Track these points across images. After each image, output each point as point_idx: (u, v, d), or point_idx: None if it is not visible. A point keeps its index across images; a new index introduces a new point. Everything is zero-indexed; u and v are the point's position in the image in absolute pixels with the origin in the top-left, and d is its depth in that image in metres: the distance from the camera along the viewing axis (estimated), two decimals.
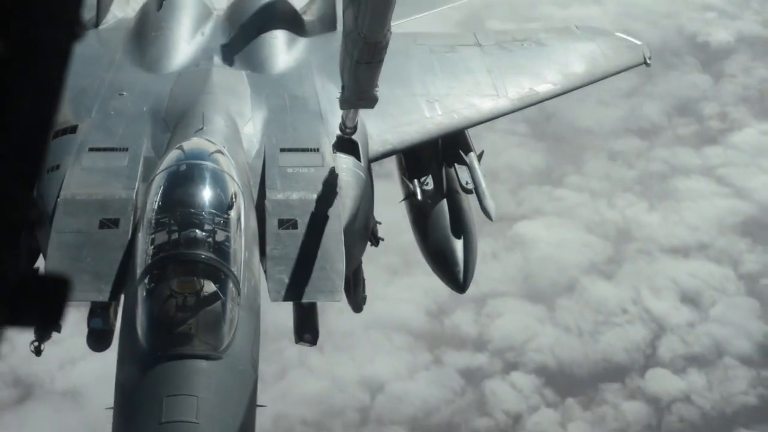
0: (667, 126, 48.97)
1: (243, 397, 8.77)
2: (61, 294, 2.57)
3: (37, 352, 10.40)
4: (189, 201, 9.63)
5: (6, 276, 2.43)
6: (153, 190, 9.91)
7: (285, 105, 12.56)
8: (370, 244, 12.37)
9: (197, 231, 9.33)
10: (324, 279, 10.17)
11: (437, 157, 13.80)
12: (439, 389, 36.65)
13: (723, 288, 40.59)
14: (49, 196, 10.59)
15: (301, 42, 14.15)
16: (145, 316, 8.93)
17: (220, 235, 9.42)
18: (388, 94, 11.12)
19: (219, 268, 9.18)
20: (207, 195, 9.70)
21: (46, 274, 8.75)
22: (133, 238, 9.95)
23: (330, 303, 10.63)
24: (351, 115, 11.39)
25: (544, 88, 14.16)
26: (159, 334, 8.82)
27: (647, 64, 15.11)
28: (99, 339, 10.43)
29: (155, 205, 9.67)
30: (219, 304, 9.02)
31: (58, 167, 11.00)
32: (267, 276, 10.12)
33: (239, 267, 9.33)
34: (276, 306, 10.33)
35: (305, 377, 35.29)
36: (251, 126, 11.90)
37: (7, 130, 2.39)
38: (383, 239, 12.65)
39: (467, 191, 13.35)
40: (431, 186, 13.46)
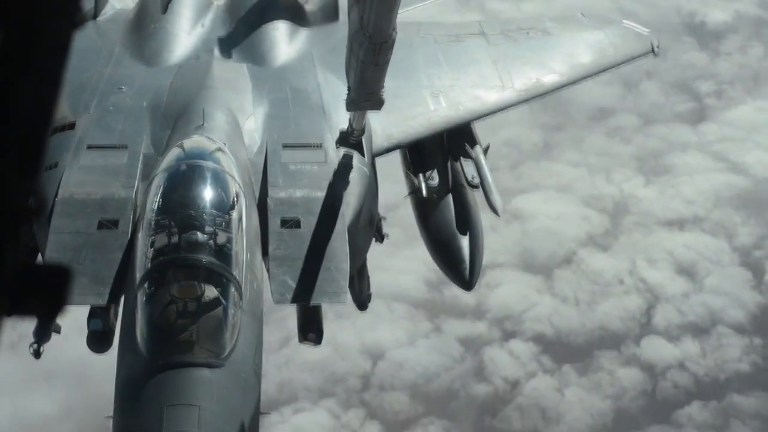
0: (664, 103, 49.44)
1: (246, 406, 8.58)
2: (62, 283, 2.55)
3: (36, 354, 10.19)
4: (189, 202, 9.38)
5: (6, 265, 2.38)
6: (153, 190, 9.69)
7: (287, 99, 12.30)
8: (374, 240, 12.10)
9: (198, 233, 9.11)
10: (328, 280, 9.94)
11: (442, 151, 13.49)
12: (439, 356, 37.26)
13: (717, 259, 41.19)
14: (47, 194, 10.32)
15: (303, 33, 13.80)
16: (145, 322, 8.70)
17: (221, 237, 9.18)
18: (392, 86, 10.83)
19: (220, 272, 8.95)
20: (208, 196, 9.47)
21: (45, 264, 8.77)
22: (133, 239, 9.72)
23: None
24: (358, 118, 11.14)
25: (550, 79, 13.90)
26: (159, 341, 8.60)
27: (655, 53, 14.84)
28: (99, 340, 10.16)
29: (155, 206, 9.45)
30: (220, 309, 8.79)
31: (56, 165, 10.76)
32: (270, 277, 9.91)
33: (241, 270, 9.13)
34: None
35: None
36: (252, 121, 11.66)
37: (8, 118, 2.36)
38: (388, 236, 12.45)
39: (473, 186, 13.07)
40: (436, 181, 13.15)
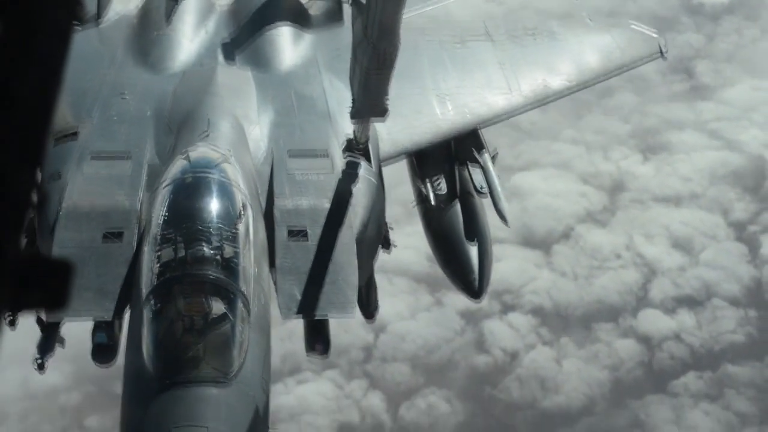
0: (662, 83, 50.00)
1: (254, 425, 8.35)
2: (65, 277, 2.51)
3: (41, 368, 10.13)
4: (195, 215, 9.12)
5: (10, 258, 2.36)
6: (158, 202, 9.44)
7: (292, 105, 12.06)
8: (381, 248, 11.80)
9: (204, 247, 8.85)
10: (336, 293, 9.75)
11: (450, 157, 13.09)
12: (440, 329, 38.08)
13: (713, 234, 41.95)
14: (51, 205, 10.19)
15: (308, 37, 13.47)
16: (151, 339, 8.49)
17: (228, 251, 8.92)
18: (398, 91, 10.54)
19: (228, 287, 8.72)
20: (214, 208, 9.20)
21: (49, 257, 8.81)
22: (138, 252, 9.51)
23: None
24: (363, 130, 10.96)
25: (558, 82, 13.57)
26: (166, 359, 8.40)
27: (663, 56, 14.51)
28: (104, 353, 10.03)
29: (161, 220, 9.20)
30: (228, 326, 8.56)
31: (59, 176, 10.55)
32: (277, 289, 9.71)
33: (249, 284, 8.90)
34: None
35: None
36: (258, 129, 11.42)
37: (10, 108, 2.35)
38: (396, 245, 12.19)
39: (481, 194, 12.69)
40: (444, 188, 12.82)
